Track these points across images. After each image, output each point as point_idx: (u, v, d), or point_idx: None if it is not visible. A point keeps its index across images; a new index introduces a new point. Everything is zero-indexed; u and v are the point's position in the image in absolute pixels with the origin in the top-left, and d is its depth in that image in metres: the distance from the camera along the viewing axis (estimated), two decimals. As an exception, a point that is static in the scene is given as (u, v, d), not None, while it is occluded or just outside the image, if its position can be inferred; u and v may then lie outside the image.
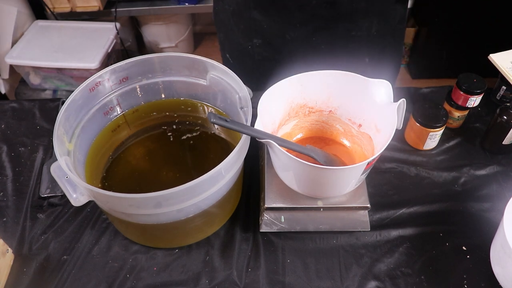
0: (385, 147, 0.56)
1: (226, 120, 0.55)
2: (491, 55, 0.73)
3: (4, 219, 0.72)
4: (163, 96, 0.76)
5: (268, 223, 0.67)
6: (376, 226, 0.70)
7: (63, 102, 0.72)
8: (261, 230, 0.68)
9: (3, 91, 1.64)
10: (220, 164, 0.53)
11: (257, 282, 0.64)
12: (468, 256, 0.67)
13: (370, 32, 0.80)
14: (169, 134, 0.74)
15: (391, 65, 0.93)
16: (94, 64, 1.51)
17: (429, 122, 0.77)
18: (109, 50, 1.58)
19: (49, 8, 1.71)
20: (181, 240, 0.68)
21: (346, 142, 0.73)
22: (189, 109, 0.76)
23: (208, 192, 0.56)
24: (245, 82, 0.63)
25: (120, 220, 0.62)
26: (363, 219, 0.68)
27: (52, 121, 0.66)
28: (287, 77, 0.63)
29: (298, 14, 0.75)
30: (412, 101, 0.90)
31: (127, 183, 0.68)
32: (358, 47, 0.83)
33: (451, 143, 0.83)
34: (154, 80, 0.73)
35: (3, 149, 0.82)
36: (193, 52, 2.20)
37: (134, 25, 2.07)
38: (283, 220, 0.67)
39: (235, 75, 0.65)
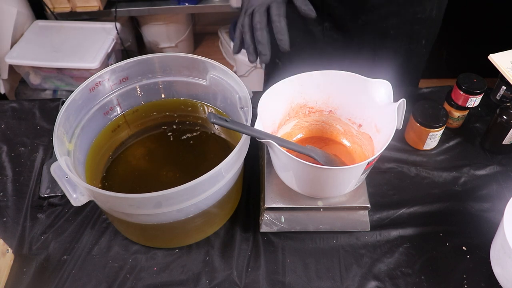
0: (385, 147, 0.56)
1: (226, 120, 0.55)
2: (491, 55, 0.73)
3: (4, 219, 0.72)
4: (163, 96, 0.76)
5: (268, 223, 0.67)
6: (376, 226, 0.70)
7: (63, 102, 0.72)
8: (261, 230, 0.68)
9: (3, 91, 1.64)
10: (220, 164, 0.53)
11: (257, 282, 0.64)
12: (468, 256, 0.67)
13: (431, 14, 0.85)
14: (169, 134, 0.74)
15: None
16: (94, 64, 1.50)
17: (429, 122, 0.77)
18: (109, 50, 1.58)
19: (49, 8, 1.71)
20: (181, 240, 0.68)
21: (346, 142, 0.73)
22: (189, 109, 0.76)
23: (208, 192, 0.56)
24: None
25: (120, 220, 0.62)
26: (363, 219, 0.68)
27: (52, 121, 0.66)
28: (356, 61, 0.64)
29: None
30: (412, 101, 0.90)
31: (127, 183, 0.68)
32: (419, 29, 0.86)
33: (451, 143, 0.83)
34: (154, 80, 0.73)
35: (3, 149, 0.82)
36: (193, 52, 2.20)
37: (134, 25, 2.07)
38: (283, 220, 0.67)
39: (235, 75, 0.65)
